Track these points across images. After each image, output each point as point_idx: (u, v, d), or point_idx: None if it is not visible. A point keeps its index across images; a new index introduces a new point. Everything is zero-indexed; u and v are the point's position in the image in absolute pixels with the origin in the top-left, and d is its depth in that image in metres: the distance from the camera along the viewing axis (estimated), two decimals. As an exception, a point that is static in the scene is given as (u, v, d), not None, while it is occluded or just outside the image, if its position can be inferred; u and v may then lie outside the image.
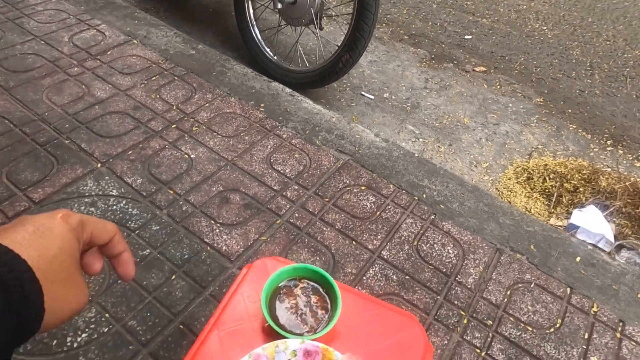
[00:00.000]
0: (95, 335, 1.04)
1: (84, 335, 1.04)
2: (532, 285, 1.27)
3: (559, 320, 1.20)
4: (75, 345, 1.02)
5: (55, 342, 1.02)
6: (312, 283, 0.74)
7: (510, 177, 1.85)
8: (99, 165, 1.42)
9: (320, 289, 0.73)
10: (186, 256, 1.21)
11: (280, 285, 0.73)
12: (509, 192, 1.78)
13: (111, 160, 1.44)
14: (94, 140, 1.50)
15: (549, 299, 1.24)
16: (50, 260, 0.38)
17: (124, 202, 1.33)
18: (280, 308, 0.70)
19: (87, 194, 1.33)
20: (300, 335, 0.67)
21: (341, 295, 0.75)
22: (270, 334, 0.68)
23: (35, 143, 1.46)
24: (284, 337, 0.65)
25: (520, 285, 1.26)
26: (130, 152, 1.48)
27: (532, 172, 1.85)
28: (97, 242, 0.46)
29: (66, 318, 0.41)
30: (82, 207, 1.29)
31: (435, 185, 1.52)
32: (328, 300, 0.72)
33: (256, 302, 0.72)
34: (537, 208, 1.72)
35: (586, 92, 2.45)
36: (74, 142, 1.48)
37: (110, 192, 1.35)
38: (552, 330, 1.17)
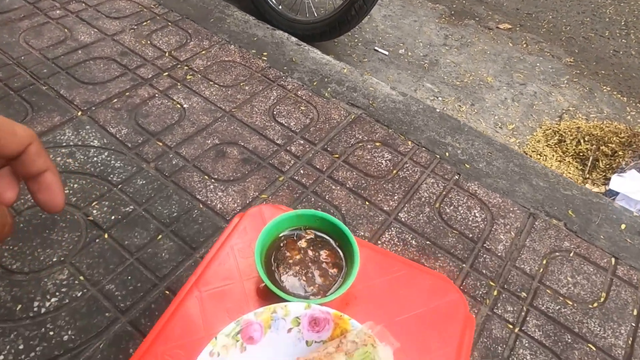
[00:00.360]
0: (67, 300, 0.89)
1: (53, 299, 0.89)
2: (571, 255, 1.10)
3: (603, 294, 1.04)
4: (42, 310, 0.87)
5: (19, 306, 0.87)
6: (321, 234, 0.57)
7: (540, 140, 1.66)
8: (79, 113, 1.25)
9: (332, 242, 0.57)
10: (175, 214, 1.06)
11: (280, 236, 0.57)
12: (538, 156, 1.60)
13: (93, 108, 1.28)
14: (75, 87, 1.33)
15: (591, 269, 1.08)
16: None
17: (106, 153, 1.16)
18: (280, 265, 0.54)
19: (64, 144, 1.17)
20: (306, 298, 0.51)
21: (362, 253, 0.59)
22: (267, 297, 0.53)
23: (8, 88, 1.29)
24: (285, 301, 0.49)
25: (557, 254, 1.10)
26: (115, 100, 1.31)
27: (564, 134, 1.66)
28: (1, 154, 0.29)
29: None
30: (59, 158, 1.13)
31: (459, 143, 1.35)
32: (342, 256, 0.56)
33: (249, 258, 0.57)
34: (570, 173, 1.54)
35: (621, 52, 2.23)
36: (52, 88, 1.31)
37: (91, 143, 1.18)
38: (595, 305, 1.02)
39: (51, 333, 0.85)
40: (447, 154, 1.30)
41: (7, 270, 0.92)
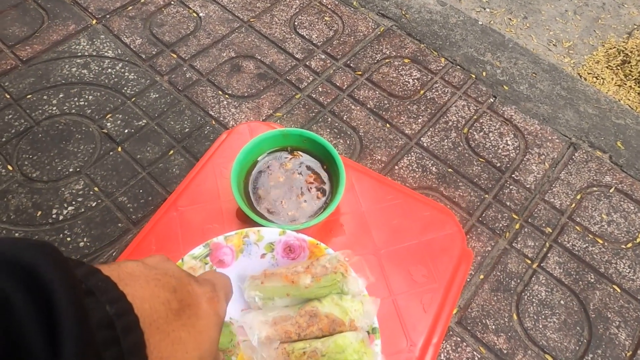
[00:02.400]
0: (83, 210, 0.92)
1: (70, 208, 0.92)
2: (611, 190, 1.00)
3: (641, 235, 0.95)
4: (60, 217, 0.91)
5: (39, 213, 0.92)
6: (308, 157, 0.52)
7: (599, 60, 1.46)
8: (93, 21, 1.21)
9: (319, 165, 0.52)
10: (187, 130, 1.04)
11: (264, 157, 0.53)
12: (595, 79, 1.41)
13: (108, 16, 1.22)
14: (90, -7, 1.27)
15: (632, 208, 0.98)
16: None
17: (120, 65, 1.13)
18: (261, 187, 0.51)
19: (79, 54, 1.14)
20: (284, 224, 0.48)
21: (355, 178, 0.54)
22: (246, 221, 0.50)
23: (24, -6, 1.25)
24: (260, 226, 0.46)
25: (595, 189, 1.00)
26: (129, 7, 1.24)
27: (630, 54, 1.44)
28: None
29: None
30: (74, 69, 1.11)
31: (499, 61, 1.20)
32: (328, 181, 0.51)
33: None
34: (629, 99, 1.36)
35: None
36: (67, -6, 1.26)
37: (105, 53, 1.15)
38: (629, 245, 0.93)
39: (68, 239, 0.89)
40: (484, 73, 1.17)
41: (28, 179, 0.95)
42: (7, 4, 1.23)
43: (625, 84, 1.40)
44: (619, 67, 1.43)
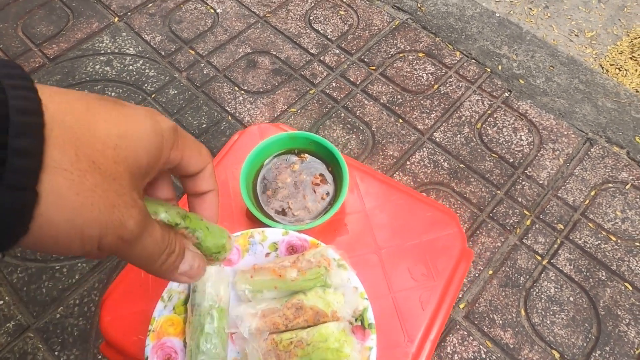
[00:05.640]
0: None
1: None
2: (627, 187, 0.99)
3: (656, 232, 0.94)
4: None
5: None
6: (314, 159, 0.55)
7: (623, 51, 1.42)
8: (116, 19, 1.25)
9: (325, 168, 0.54)
10: (204, 125, 1.07)
11: (272, 158, 0.55)
12: (617, 70, 1.38)
13: (129, 14, 1.26)
14: (112, -9, 1.31)
15: (648, 205, 0.97)
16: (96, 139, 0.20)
17: (141, 62, 1.17)
18: (269, 188, 0.53)
19: (102, 52, 1.19)
20: (290, 224, 0.51)
21: (360, 178, 0.56)
22: (254, 220, 0.53)
23: (51, -7, 1.30)
24: (265, 226, 0.49)
25: (610, 185, 0.99)
26: (150, 4, 1.28)
27: (655, 44, 1.40)
28: (183, 171, 0.28)
29: (71, 244, 0.20)
30: (97, 66, 1.16)
31: (516, 54, 1.18)
32: (333, 182, 0.54)
33: (242, 178, 0.56)
34: (652, 92, 1.32)
35: None
36: (91, -8, 1.30)
37: (127, 51, 1.19)
38: (643, 242, 0.93)
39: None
40: (499, 67, 1.16)
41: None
42: (35, 3, 1.28)
43: (650, 76, 1.35)
44: (643, 58, 1.39)
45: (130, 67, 1.16)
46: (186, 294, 0.45)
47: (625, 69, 1.38)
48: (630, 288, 0.88)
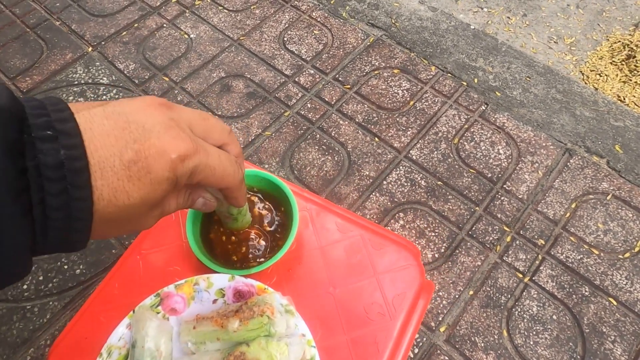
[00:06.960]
0: (80, 237, 0.96)
1: (68, 236, 0.96)
2: (608, 198, 0.97)
3: (639, 244, 0.92)
4: (59, 246, 0.95)
5: (40, 242, 0.96)
6: (262, 199, 0.53)
7: (603, 56, 1.41)
8: (89, 49, 1.25)
9: (276, 205, 0.53)
10: (178, 153, 1.06)
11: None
12: (598, 76, 1.37)
13: (103, 43, 1.26)
14: (86, 21, 1.31)
15: (630, 215, 0.95)
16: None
17: (114, 91, 1.17)
18: (218, 229, 0.52)
19: (76, 82, 1.18)
20: (240, 268, 0.49)
21: (316, 213, 0.55)
22: (205, 266, 0.51)
23: (25, 25, 1.30)
24: (212, 271, 0.47)
25: (591, 196, 0.97)
26: (124, 32, 1.28)
27: (635, 48, 1.39)
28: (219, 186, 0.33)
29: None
30: (71, 97, 1.16)
31: (492, 66, 1.17)
32: (283, 222, 0.52)
33: (193, 219, 0.55)
34: (634, 97, 1.31)
35: None
36: (65, 23, 1.30)
37: (101, 80, 1.19)
38: (627, 255, 0.91)
39: (65, 267, 0.93)
40: (475, 80, 1.15)
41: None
42: (9, 36, 1.28)
43: (631, 80, 1.34)
44: (623, 63, 1.38)
45: (104, 97, 1.16)
46: (127, 349, 0.43)
47: (606, 74, 1.36)
48: (615, 303, 0.86)
